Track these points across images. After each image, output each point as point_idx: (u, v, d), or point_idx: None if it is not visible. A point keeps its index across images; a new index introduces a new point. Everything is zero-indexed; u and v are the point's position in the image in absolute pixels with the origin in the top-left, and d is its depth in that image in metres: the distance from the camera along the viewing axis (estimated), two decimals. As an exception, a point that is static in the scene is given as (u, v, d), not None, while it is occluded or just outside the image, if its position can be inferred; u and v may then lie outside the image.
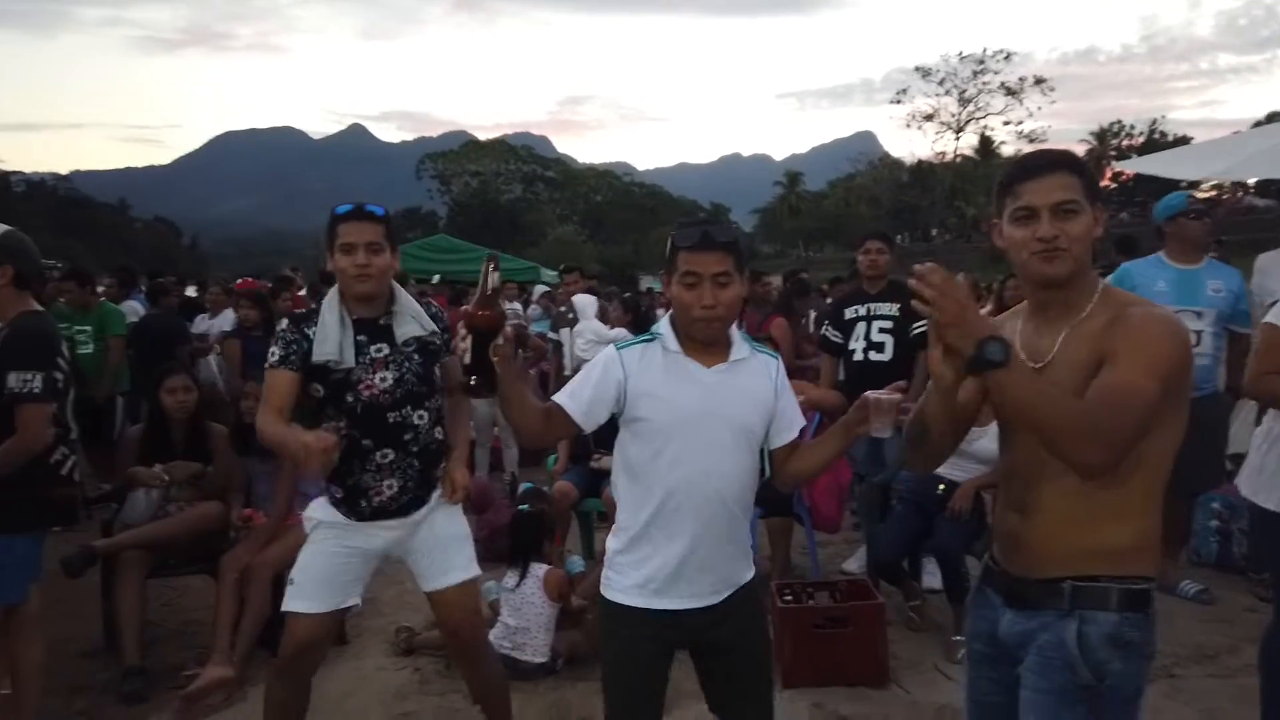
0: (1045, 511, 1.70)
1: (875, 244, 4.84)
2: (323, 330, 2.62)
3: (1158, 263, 4.42)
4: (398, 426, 2.68)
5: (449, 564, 2.81)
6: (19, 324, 2.95)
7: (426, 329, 2.74)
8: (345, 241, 2.59)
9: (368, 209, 2.64)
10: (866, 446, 4.86)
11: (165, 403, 4.21)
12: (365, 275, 2.59)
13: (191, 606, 4.70)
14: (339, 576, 2.72)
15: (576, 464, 5.27)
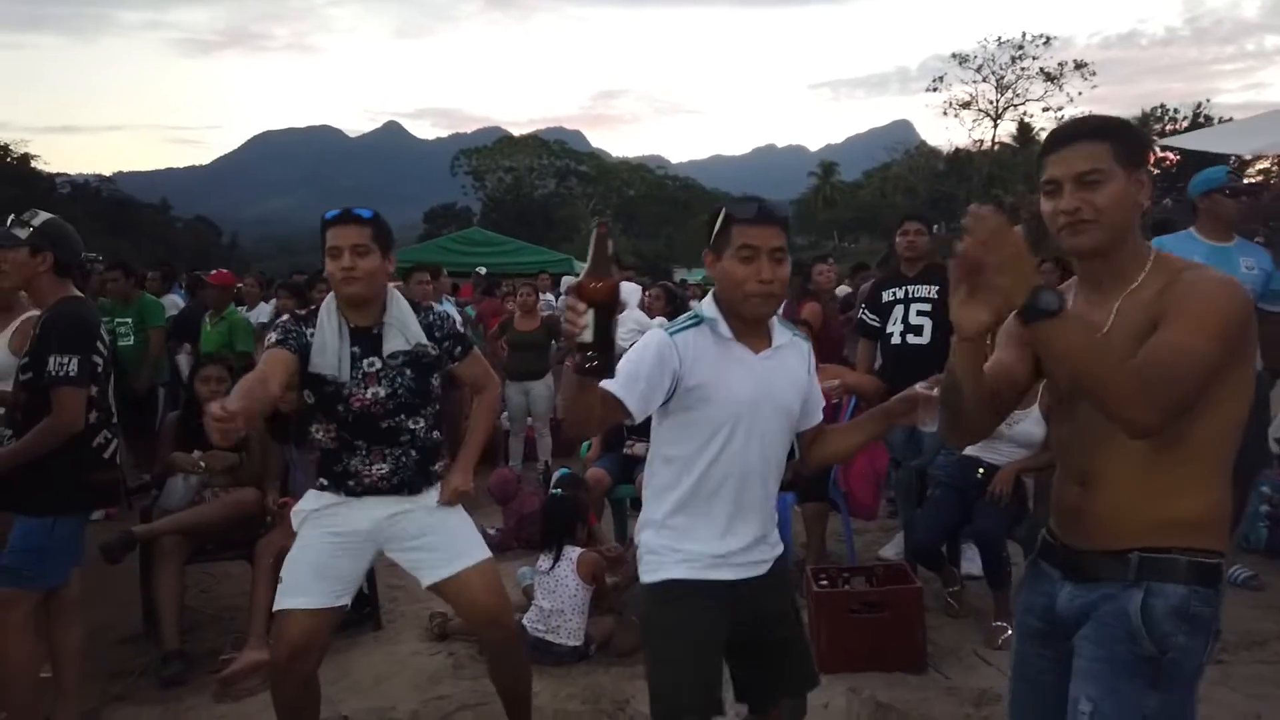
0: (1110, 483, 1.63)
1: (914, 225, 4.76)
2: (320, 338, 2.61)
3: (1189, 238, 4.29)
4: (392, 431, 2.69)
5: (457, 549, 2.73)
6: (58, 309, 2.99)
7: (411, 342, 2.68)
8: (332, 245, 2.58)
9: (354, 212, 2.63)
10: (904, 432, 4.78)
11: (200, 392, 4.24)
12: (351, 278, 2.57)
13: (229, 593, 4.75)
14: (330, 569, 2.65)
15: (610, 451, 5.24)
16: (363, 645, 4.05)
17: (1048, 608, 1.73)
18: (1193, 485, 1.59)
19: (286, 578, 2.66)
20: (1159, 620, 1.56)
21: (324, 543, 2.68)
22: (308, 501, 2.75)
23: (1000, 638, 3.69)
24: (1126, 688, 1.57)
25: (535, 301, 7.29)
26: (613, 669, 3.70)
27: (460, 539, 2.77)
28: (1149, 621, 1.56)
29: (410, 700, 3.49)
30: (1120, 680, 1.58)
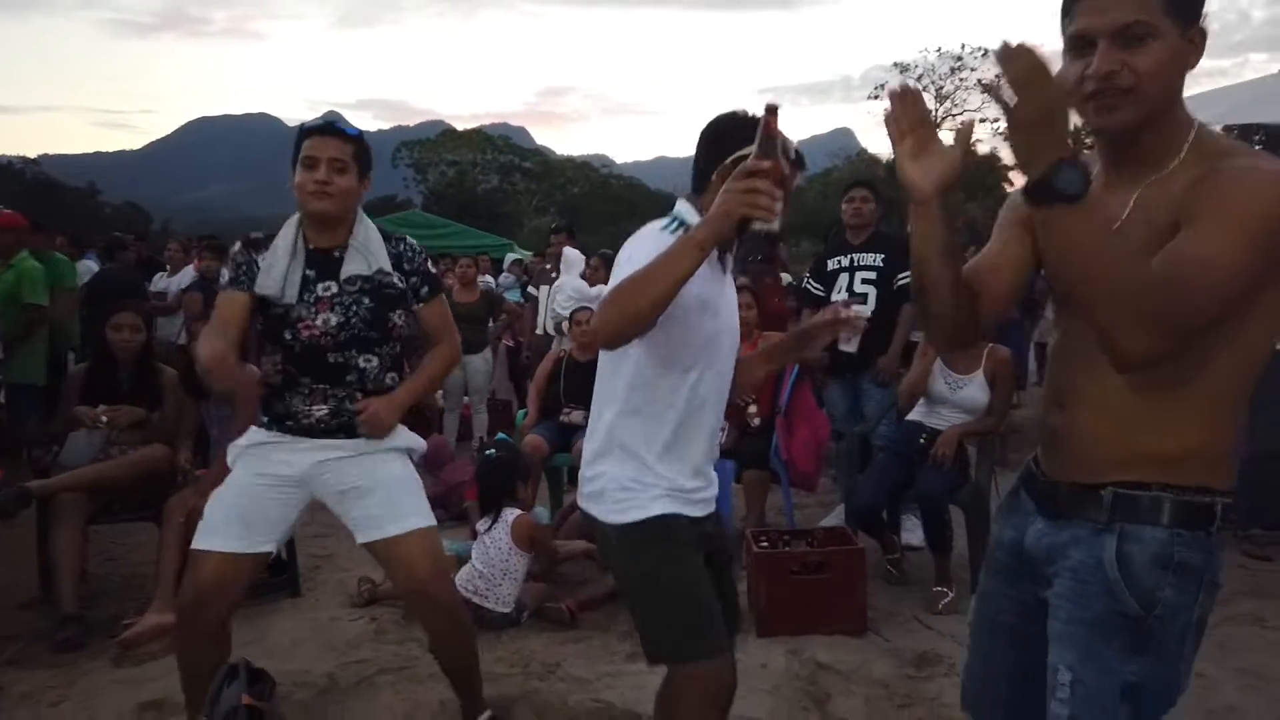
0: (1091, 405, 1.38)
1: (860, 191, 4.70)
2: (270, 257, 2.41)
3: None
4: (339, 367, 2.46)
5: (399, 509, 2.48)
6: None
7: (373, 267, 2.45)
8: (308, 155, 2.37)
9: (338, 125, 2.43)
10: (846, 402, 4.73)
11: (112, 340, 3.96)
12: (324, 193, 2.36)
13: (137, 561, 4.48)
14: (255, 513, 2.44)
15: (546, 418, 5.09)
16: (280, 610, 3.83)
17: (1016, 542, 1.52)
18: (1190, 419, 1.33)
19: (208, 516, 2.45)
20: (1139, 572, 1.33)
21: (253, 485, 2.46)
22: (245, 437, 2.53)
23: (941, 602, 3.63)
24: (1107, 651, 1.34)
25: (475, 273, 7.10)
26: (544, 633, 3.55)
27: (404, 499, 2.52)
28: (1127, 574, 1.33)
29: (326, 663, 3.29)
30: (1097, 642, 1.35)
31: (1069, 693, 1.35)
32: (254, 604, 3.82)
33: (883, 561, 4.01)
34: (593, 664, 3.26)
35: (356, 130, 2.47)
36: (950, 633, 3.42)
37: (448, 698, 2.90)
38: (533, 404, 5.20)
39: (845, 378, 4.72)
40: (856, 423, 4.62)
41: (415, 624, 3.61)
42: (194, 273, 6.73)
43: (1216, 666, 3.07)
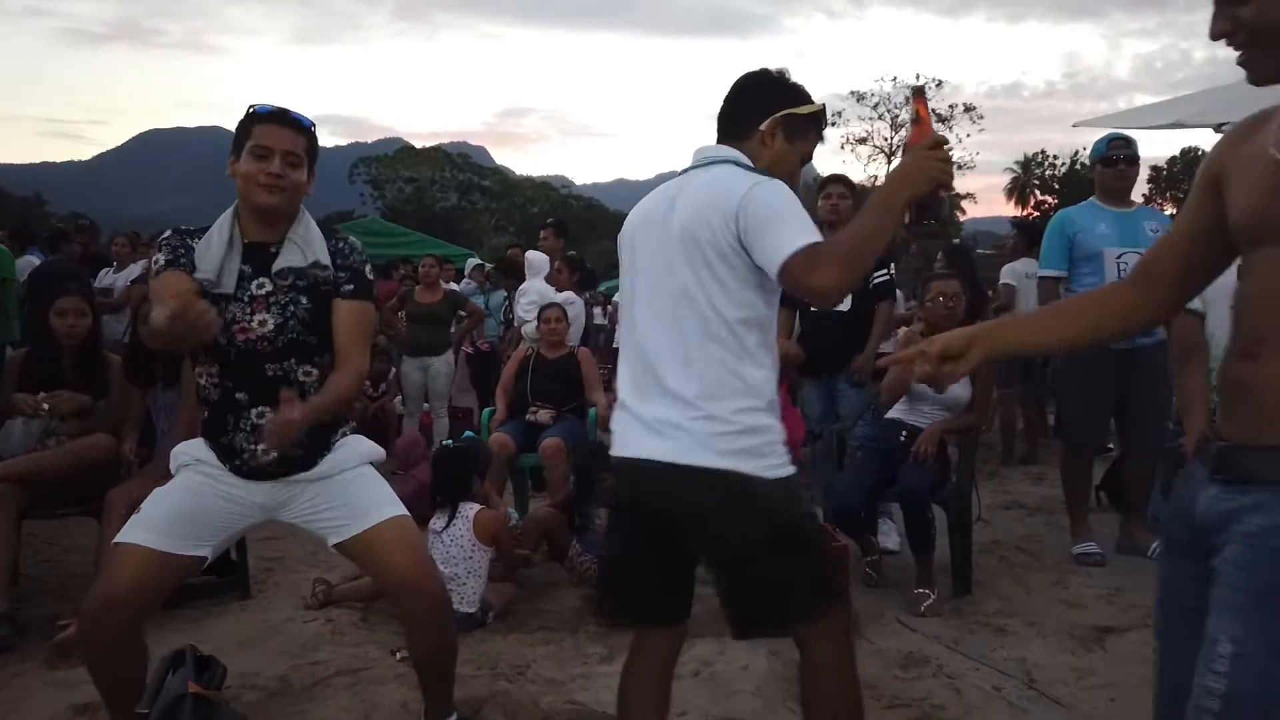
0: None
1: (836, 188, 4.63)
2: (205, 243, 2.21)
3: (1093, 206, 4.32)
4: (276, 381, 2.22)
5: (364, 503, 2.30)
6: None
7: (309, 258, 2.25)
8: (260, 144, 2.18)
9: (292, 114, 2.25)
10: (821, 403, 4.64)
11: (55, 326, 3.73)
12: (275, 186, 2.18)
13: (75, 561, 4.22)
14: (202, 515, 2.23)
15: (513, 417, 4.92)
16: (228, 613, 3.61)
17: (1188, 515, 1.35)
18: None
19: (145, 509, 2.23)
20: None
21: (203, 486, 2.25)
22: (191, 449, 2.31)
23: (923, 605, 3.52)
24: (1270, 623, 1.17)
25: (438, 273, 6.92)
26: (510, 634, 3.38)
27: (368, 493, 2.33)
28: None
29: (279, 665, 3.08)
30: (1264, 613, 1.18)
31: (1227, 665, 1.19)
32: (199, 605, 3.60)
33: (861, 564, 3.90)
34: (564, 665, 3.10)
35: (310, 121, 2.29)
36: (935, 634, 3.32)
37: (410, 698, 2.73)
38: (500, 402, 5.03)
39: (821, 377, 4.63)
40: (832, 423, 4.52)
41: (375, 626, 3.43)
42: (141, 268, 6.46)
43: None
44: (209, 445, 2.29)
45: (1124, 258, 4.07)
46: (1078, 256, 4.20)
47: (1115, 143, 4.23)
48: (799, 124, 1.97)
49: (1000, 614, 3.53)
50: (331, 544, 2.34)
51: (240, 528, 2.37)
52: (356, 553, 2.34)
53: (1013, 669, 3.03)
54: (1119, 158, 4.19)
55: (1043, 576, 3.99)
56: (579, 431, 4.77)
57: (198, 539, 2.22)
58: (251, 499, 2.29)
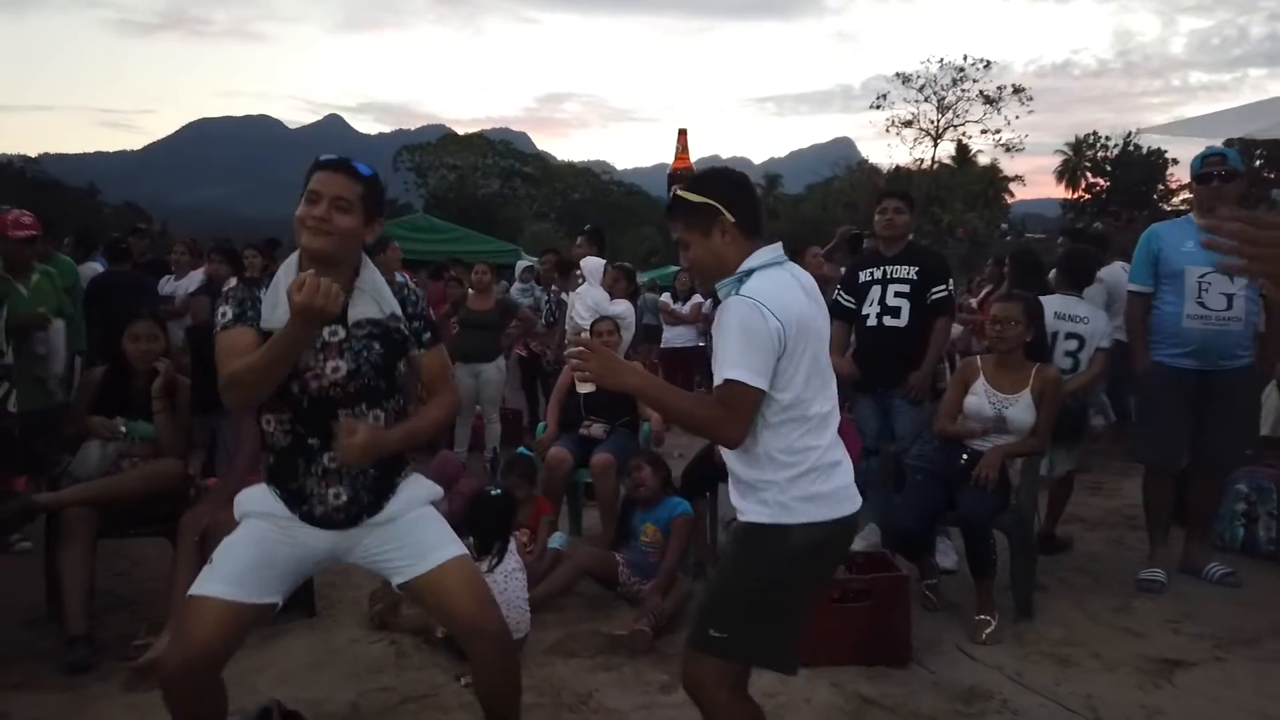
0: None
1: (893, 203, 4.57)
2: (273, 294, 2.23)
3: (1187, 222, 4.22)
4: None
5: (426, 543, 2.34)
6: None
7: (385, 310, 2.30)
8: (312, 189, 2.21)
9: (351, 163, 2.27)
10: (876, 420, 4.59)
11: (128, 350, 3.81)
12: (321, 230, 2.19)
13: (146, 576, 4.33)
14: (269, 562, 2.27)
15: (566, 431, 4.95)
16: (294, 633, 3.68)
17: None
18: None
19: (215, 560, 2.27)
20: None
21: (270, 538, 2.30)
22: (255, 501, 2.35)
23: (984, 632, 3.49)
24: None
25: (490, 279, 6.96)
26: (570, 660, 3.41)
27: (429, 533, 2.37)
28: None
29: (348, 690, 3.15)
30: None
31: None
32: (267, 625, 3.68)
33: (920, 587, 3.87)
34: (626, 693, 3.13)
35: (370, 170, 2.30)
36: (997, 664, 3.29)
37: (478, 729, 2.76)
38: (552, 416, 5.07)
39: (876, 394, 4.58)
40: (888, 440, 4.48)
41: (437, 647, 3.48)
42: (202, 277, 6.59)
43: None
44: (276, 492, 2.31)
45: (1207, 278, 3.97)
46: (1161, 274, 4.12)
47: (1210, 160, 4.11)
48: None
49: (1063, 643, 3.49)
50: (395, 584, 2.39)
51: (308, 571, 2.43)
52: (420, 593, 2.38)
53: (1079, 705, 2.99)
54: (1215, 174, 4.07)
55: (1105, 601, 3.93)
56: (631, 447, 4.78)
57: (268, 587, 2.27)
58: (318, 545, 2.33)
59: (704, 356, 8.99)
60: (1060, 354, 4.51)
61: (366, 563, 2.40)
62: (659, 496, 3.98)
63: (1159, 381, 4.10)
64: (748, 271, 2.10)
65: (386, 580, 2.50)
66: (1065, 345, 4.52)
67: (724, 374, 1.98)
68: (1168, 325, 4.10)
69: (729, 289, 2.09)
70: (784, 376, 2.03)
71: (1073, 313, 4.56)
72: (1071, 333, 4.52)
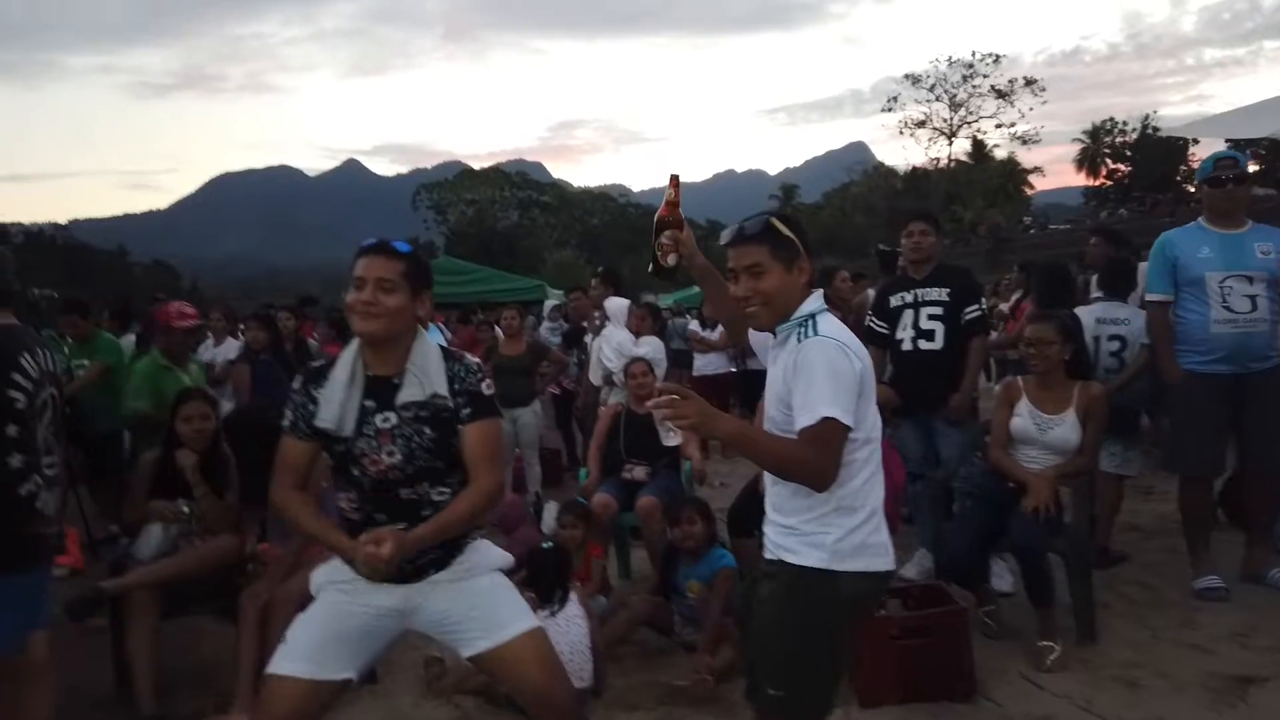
0: None
1: (919, 225, 4.57)
2: (329, 389, 2.33)
3: (1199, 228, 4.17)
4: (413, 504, 2.34)
5: (499, 616, 2.37)
6: None
7: (428, 391, 2.33)
8: (357, 275, 2.29)
9: (390, 244, 2.35)
10: (919, 444, 4.58)
11: (182, 431, 3.89)
12: (369, 313, 2.27)
13: (209, 648, 4.37)
14: (341, 642, 2.34)
15: (608, 476, 4.97)
16: (358, 701, 3.70)
17: None
18: None
19: (291, 638, 2.34)
20: None
21: (344, 608, 2.36)
22: (327, 571, 2.43)
23: (1049, 658, 3.45)
24: None
25: (519, 324, 7.02)
26: (634, 713, 3.42)
27: (502, 604, 2.41)
28: None
29: (417, 759, 3.17)
30: None
31: None
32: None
33: (979, 614, 3.83)
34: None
35: (408, 247, 2.38)
36: (1065, 692, 3.25)
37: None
38: (594, 462, 5.09)
39: (917, 417, 4.57)
40: (932, 463, 4.46)
41: (500, 708, 3.50)
42: (240, 344, 6.71)
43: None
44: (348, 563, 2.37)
45: (1227, 282, 3.94)
46: (1180, 282, 4.08)
47: (1222, 162, 4.09)
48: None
49: (1130, 665, 3.44)
50: (464, 655, 2.41)
51: (381, 644, 2.46)
52: (491, 665, 2.41)
53: (1152, 731, 2.95)
54: (1227, 178, 4.04)
55: (1168, 616, 3.88)
56: (674, 487, 4.80)
57: (343, 662, 2.33)
58: (387, 603, 2.37)
59: (738, 382, 8.98)
60: (1105, 355, 4.66)
61: (436, 631, 2.42)
62: (704, 549, 3.97)
63: (1194, 389, 4.05)
64: (811, 314, 2.15)
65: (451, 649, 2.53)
66: (1109, 347, 4.67)
67: (819, 413, 1.98)
68: (1195, 332, 4.06)
69: (797, 330, 2.13)
70: (859, 417, 2.07)
71: (1114, 316, 4.71)
72: (1114, 334, 4.67)
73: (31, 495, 2.64)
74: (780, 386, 2.13)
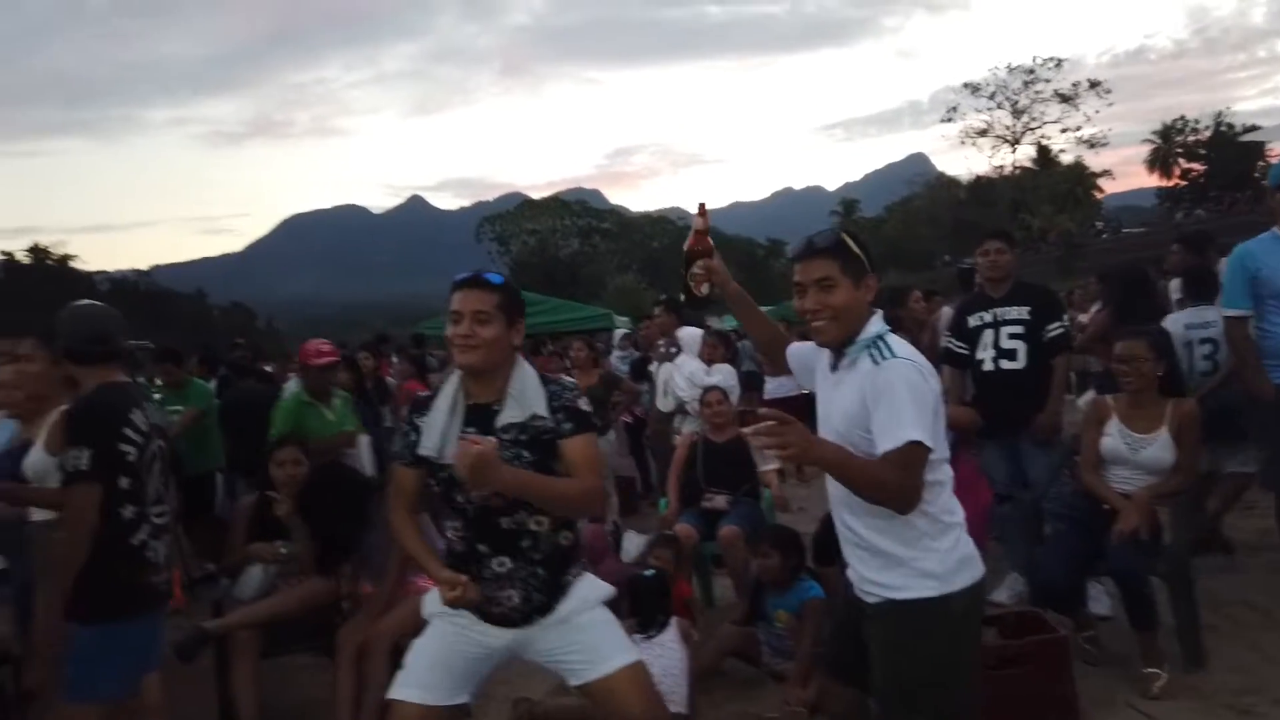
0: None
1: (994, 244, 4.50)
2: (431, 418, 2.43)
3: (1273, 238, 3.96)
4: (512, 534, 2.40)
5: (604, 648, 2.46)
6: (80, 399, 2.78)
7: (527, 412, 2.38)
8: (453, 310, 2.38)
9: (483, 276, 2.43)
10: (1005, 465, 4.48)
11: (275, 476, 4.04)
12: (467, 346, 2.35)
13: (306, 683, 4.49)
14: (454, 668, 2.46)
15: (688, 506, 4.97)
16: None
17: None
18: None
19: (408, 664, 2.49)
20: None
21: (455, 639, 2.47)
22: (439, 601, 2.50)
23: (1155, 685, 3.34)
24: None
25: (588, 355, 7.08)
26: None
27: (607, 637, 2.49)
28: None
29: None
30: None
31: None
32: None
33: (1078, 640, 3.72)
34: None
35: (501, 278, 2.45)
36: (1175, 722, 3.14)
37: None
38: (673, 492, 5.09)
39: (1001, 438, 4.47)
40: (1019, 484, 4.36)
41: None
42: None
43: None
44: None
45: None
46: (1263, 295, 3.92)
47: None
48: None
49: (1242, 691, 3.31)
50: (571, 684, 2.51)
51: (490, 670, 2.56)
52: (595, 695, 2.49)
53: (1271, 762, 2.83)
54: None
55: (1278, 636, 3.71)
56: (755, 516, 4.77)
57: (457, 687, 2.46)
58: (497, 643, 2.48)
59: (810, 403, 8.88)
60: (1198, 360, 4.60)
61: (545, 660, 2.52)
62: (790, 580, 3.93)
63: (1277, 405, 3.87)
64: (879, 335, 2.15)
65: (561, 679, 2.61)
66: (1201, 351, 4.62)
67: (905, 436, 1.98)
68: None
69: (869, 352, 2.12)
70: (936, 437, 2.07)
71: (1203, 320, 4.65)
72: (1205, 338, 4.60)
73: (143, 544, 2.79)
74: (855, 409, 2.10)
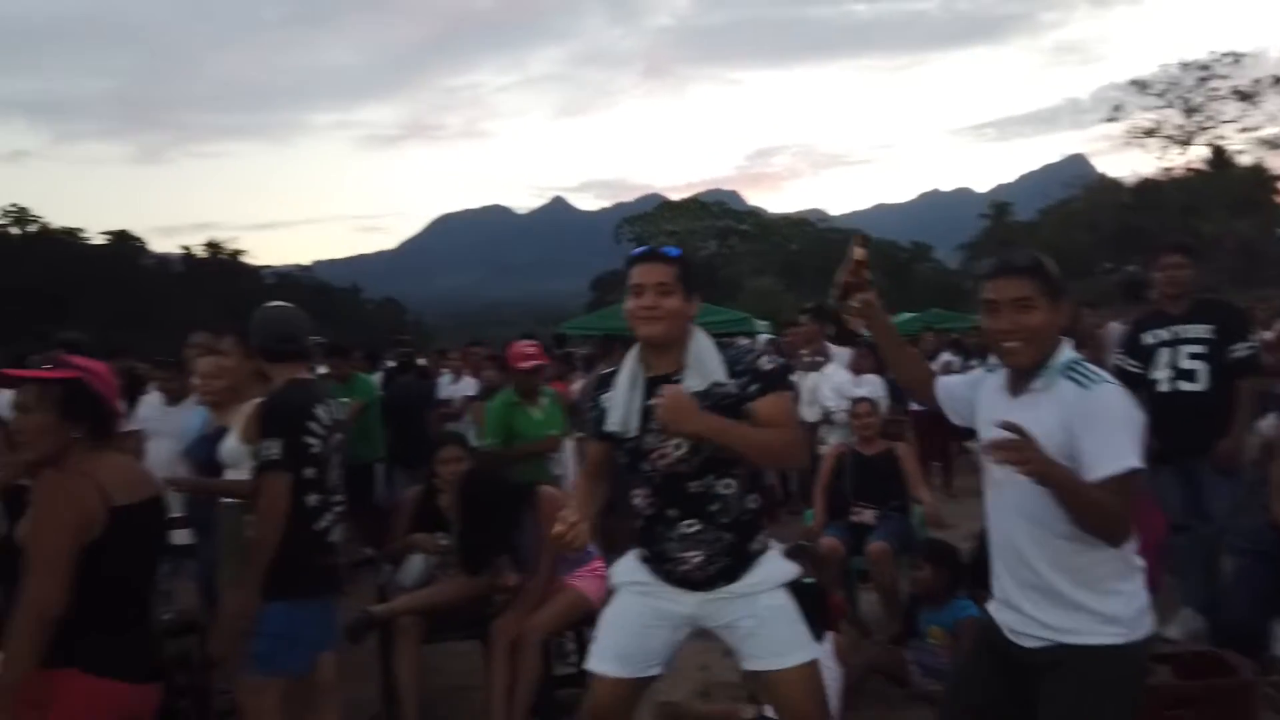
0: None
1: (1174, 257, 4.25)
2: (614, 395, 2.50)
3: None
4: (700, 497, 2.44)
5: (785, 642, 2.48)
6: (272, 394, 3.03)
7: (708, 380, 2.40)
8: (635, 283, 2.43)
9: (661, 250, 2.50)
10: (1181, 493, 4.22)
11: (440, 472, 4.24)
12: (651, 317, 2.40)
13: (458, 670, 4.69)
14: (641, 642, 2.54)
15: (835, 519, 4.91)
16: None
17: None
18: None
19: (599, 637, 2.60)
20: None
21: (640, 610, 2.56)
22: (625, 571, 2.62)
23: (1354, 740, 3.08)
24: None
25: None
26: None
27: (787, 633, 2.50)
28: None
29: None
30: None
31: None
32: None
33: (1262, 684, 3.46)
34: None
35: (677, 251, 2.51)
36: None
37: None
38: (819, 504, 5.05)
39: (1177, 464, 4.20)
40: (1196, 515, 4.09)
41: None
42: (477, 382, 7.19)
43: None
44: (641, 556, 2.56)
45: None
46: None
47: None
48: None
49: None
50: (745, 668, 2.56)
51: (676, 641, 2.60)
52: (767, 685, 2.56)
53: None
54: None
55: None
56: (905, 531, 4.67)
57: (647, 660, 2.54)
58: (680, 610, 2.52)
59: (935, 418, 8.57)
60: None
61: (725, 632, 2.54)
62: (946, 595, 3.83)
63: None
64: (1077, 359, 2.10)
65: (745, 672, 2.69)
66: None
67: (1127, 463, 1.90)
68: None
69: (1069, 375, 2.05)
70: None
71: None
72: None
73: (325, 530, 3.00)
74: (1059, 435, 1.99)
